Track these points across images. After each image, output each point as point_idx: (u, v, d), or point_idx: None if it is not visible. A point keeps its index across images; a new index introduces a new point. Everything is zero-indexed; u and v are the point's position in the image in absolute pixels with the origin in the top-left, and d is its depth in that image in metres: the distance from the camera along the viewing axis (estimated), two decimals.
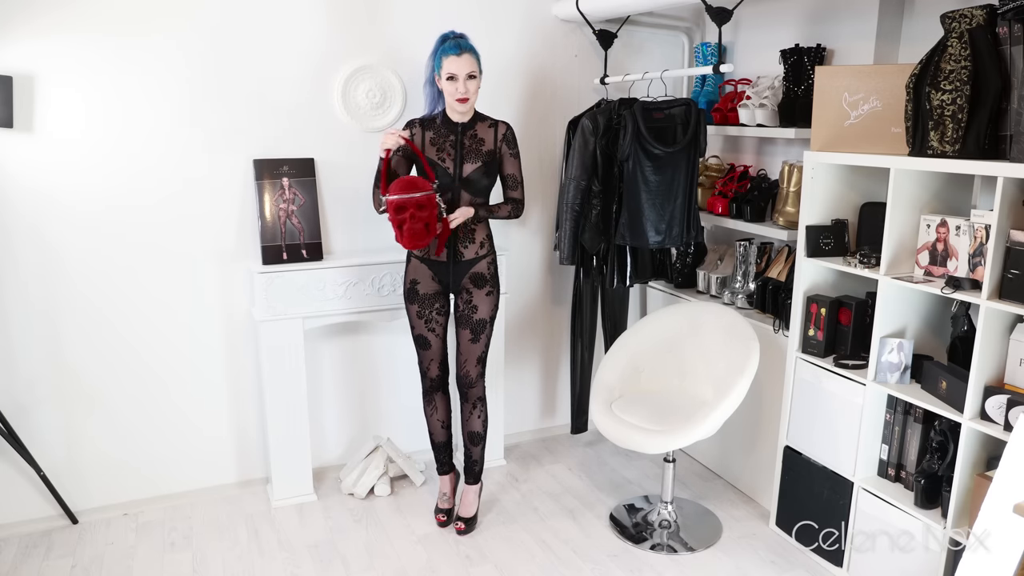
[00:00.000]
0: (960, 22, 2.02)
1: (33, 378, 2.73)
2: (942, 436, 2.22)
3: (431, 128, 2.62)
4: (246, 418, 3.09)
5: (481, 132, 2.62)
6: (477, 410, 2.78)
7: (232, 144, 2.84)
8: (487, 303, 2.69)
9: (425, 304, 2.70)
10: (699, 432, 2.50)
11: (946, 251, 2.20)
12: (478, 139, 2.61)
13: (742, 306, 3.06)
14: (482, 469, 2.87)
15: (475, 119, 2.63)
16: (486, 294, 2.69)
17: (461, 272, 2.67)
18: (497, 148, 2.64)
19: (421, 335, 2.73)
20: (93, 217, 2.71)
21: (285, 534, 2.79)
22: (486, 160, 2.61)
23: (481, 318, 2.69)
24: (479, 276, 2.68)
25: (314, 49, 2.90)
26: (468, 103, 2.54)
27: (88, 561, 2.60)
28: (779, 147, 3.18)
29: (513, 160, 2.67)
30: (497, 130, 2.64)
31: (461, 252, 2.65)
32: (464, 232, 2.64)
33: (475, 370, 2.73)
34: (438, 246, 2.61)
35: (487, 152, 2.62)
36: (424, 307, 2.70)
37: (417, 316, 2.71)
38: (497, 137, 2.64)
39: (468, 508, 2.85)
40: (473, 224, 2.64)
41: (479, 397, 2.77)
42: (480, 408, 2.78)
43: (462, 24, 3.08)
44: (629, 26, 3.38)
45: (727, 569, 2.61)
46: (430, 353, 2.76)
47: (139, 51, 2.66)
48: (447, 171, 2.59)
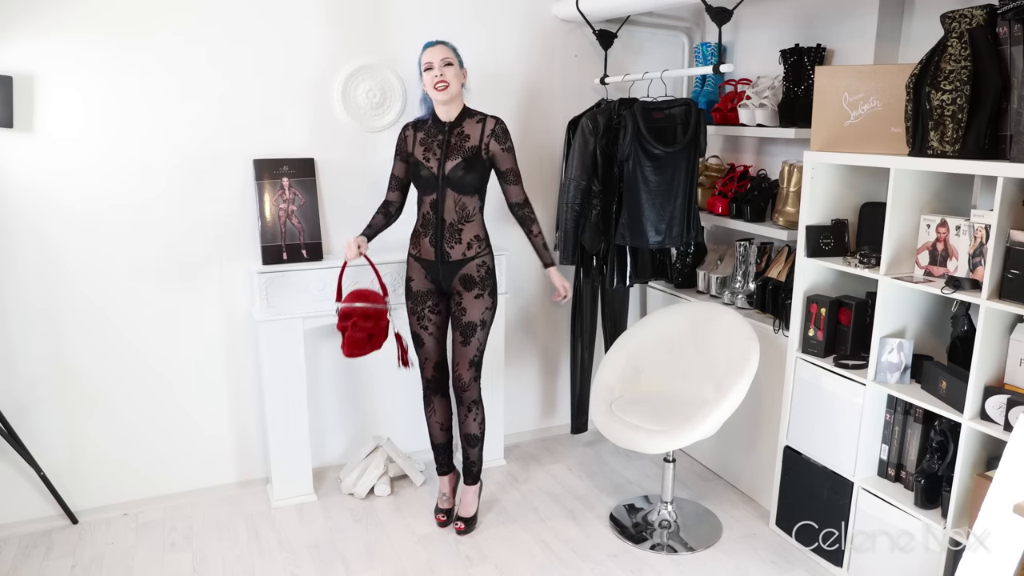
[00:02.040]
0: (960, 22, 2.02)
1: (33, 378, 2.73)
2: (942, 436, 2.22)
3: (422, 129, 2.64)
4: (246, 418, 3.09)
5: (468, 128, 2.60)
6: (472, 413, 2.76)
7: (232, 144, 2.84)
8: (476, 306, 2.66)
9: (417, 301, 2.71)
10: (699, 432, 2.50)
11: (946, 251, 2.20)
12: (463, 135, 2.59)
13: (742, 306, 3.06)
14: (480, 469, 2.87)
15: (463, 116, 2.61)
16: (475, 297, 2.65)
17: (450, 273, 2.66)
18: (483, 144, 2.59)
19: (415, 332, 2.76)
20: (93, 217, 2.71)
21: (285, 534, 2.79)
22: (467, 156, 2.57)
23: (470, 321, 2.66)
24: (468, 278, 2.65)
25: (314, 49, 2.90)
26: (448, 90, 2.52)
27: (88, 561, 2.60)
28: (779, 147, 3.18)
29: (506, 155, 2.63)
30: (485, 125, 2.61)
31: (448, 252, 2.62)
32: (450, 232, 2.61)
33: (467, 374, 2.71)
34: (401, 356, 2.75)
35: (470, 148, 2.58)
36: (416, 304, 2.72)
37: (410, 313, 2.74)
38: (484, 132, 2.60)
39: (467, 508, 2.85)
40: (461, 225, 2.61)
41: (473, 400, 2.75)
42: (475, 411, 2.77)
43: (462, 24, 3.09)
44: (629, 26, 3.38)
45: (727, 569, 2.61)
46: (424, 352, 2.76)
47: (139, 51, 2.66)
48: (431, 171, 2.59)
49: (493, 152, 2.61)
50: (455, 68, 2.54)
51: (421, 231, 2.66)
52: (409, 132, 2.66)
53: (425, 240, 2.64)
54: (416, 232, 2.68)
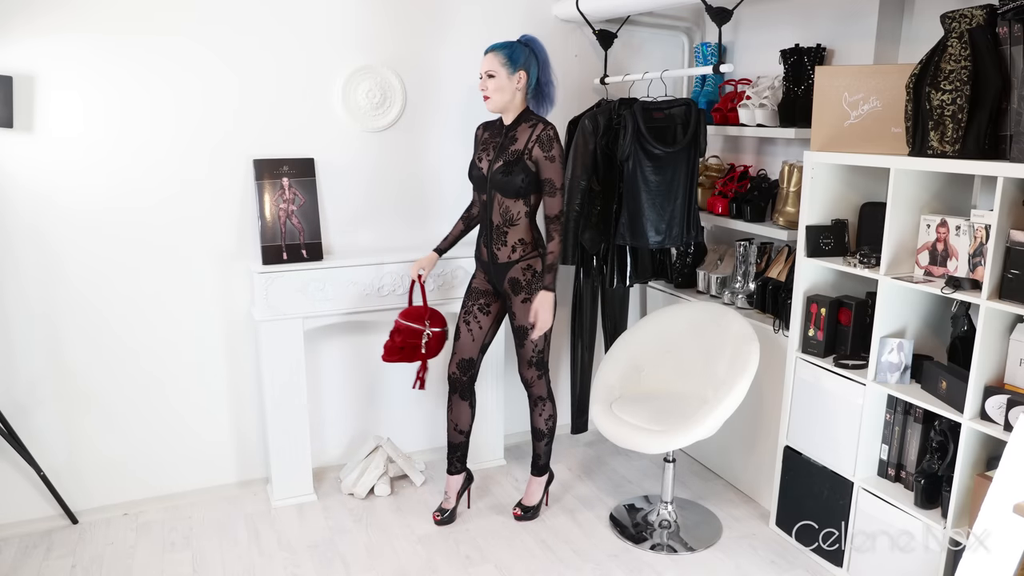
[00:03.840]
0: (960, 22, 2.02)
1: (33, 378, 2.73)
2: (942, 436, 2.22)
3: (490, 129, 2.72)
4: (246, 418, 3.09)
5: (519, 132, 2.61)
6: (538, 408, 2.84)
7: (232, 144, 2.84)
8: (524, 311, 2.67)
9: (470, 296, 2.79)
10: (699, 432, 2.50)
11: (946, 251, 2.20)
12: (514, 139, 2.61)
13: (742, 306, 3.06)
14: (547, 463, 2.92)
15: (520, 119, 2.62)
16: (522, 301, 2.67)
17: (500, 275, 2.70)
18: (527, 149, 2.56)
19: (457, 324, 2.80)
20: (93, 217, 2.71)
21: (285, 534, 2.79)
22: (508, 160, 2.58)
23: (520, 326, 2.70)
24: (515, 282, 2.68)
25: (314, 49, 2.90)
26: (491, 102, 2.57)
27: (88, 561, 2.60)
28: (779, 147, 3.18)
29: (549, 164, 2.55)
30: (534, 130, 2.58)
31: (496, 254, 2.67)
32: (497, 234, 2.65)
33: (528, 372, 2.78)
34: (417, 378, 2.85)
35: (513, 151, 2.58)
36: (468, 298, 2.79)
37: (461, 305, 2.81)
38: (531, 137, 2.57)
39: (530, 497, 2.94)
40: (506, 228, 2.63)
41: (539, 396, 2.82)
42: (541, 407, 2.83)
43: (462, 24, 3.09)
44: (629, 26, 3.38)
45: (727, 569, 2.60)
46: (457, 345, 2.79)
47: (139, 51, 2.65)
48: (481, 171, 2.66)
49: (536, 158, 2.57)
50: (498, 80, 2.53)
51: (481, 231, 2.74)
52: (480, 131, 2.75)
53: (480, 240, 2.73)
54: (479, 232, 2.76)
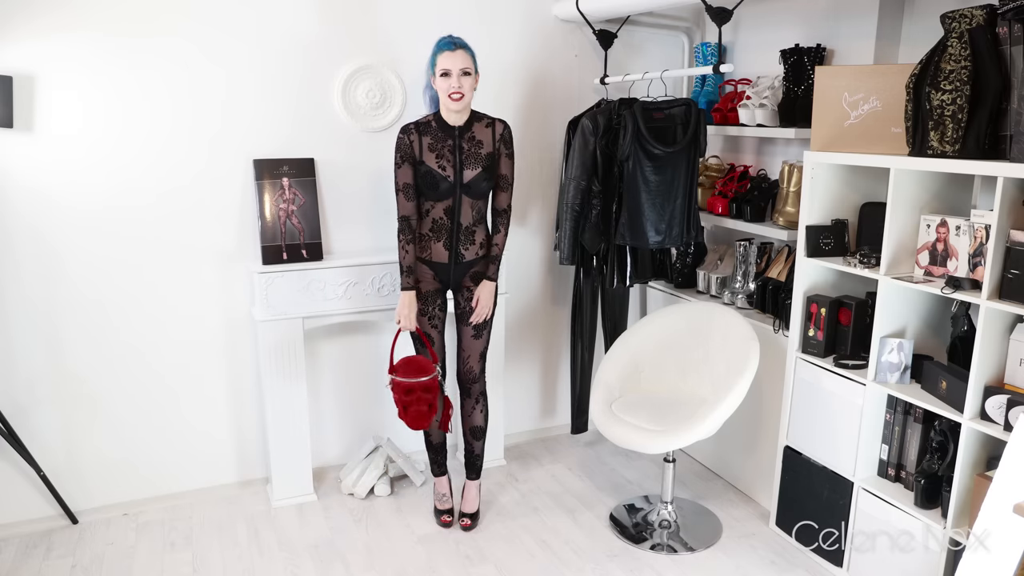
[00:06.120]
0: (960, 22, 2.02)
1: (33, 378, 2.73)
2: (942, 436, 2.22)
3: (428, 133, 2.54)
4: (246, 418, 3.09)
5: (479, 133, 2.58)
6: (480, 404, 2.80)
7: (232, 144, 2.84)
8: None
9: (428, 301, 2.69)
10: (699, 432, 2.50)
11: (946, 251, 2.20)
12: (476, 141, 2.57)
13: (742, 306, 3.06)
14: (483, 464, 2.89)
15: (471, 120, 2.58)
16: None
17: (461, 272, 2.68)
18: (496, 150, 2.60)
19: (426, 332, 2.71)
20: (93, 217, 2.71)
21: (285, 534, 2.79)
22: (486, 164, 2.58)
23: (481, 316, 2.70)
24: (479, 274, 2.69)
25: (314, 49, 2.90)
26: (463, 101, 2.47)
27: (88, 561, 2.60)
28: (779, 147, 3.17)
29: (508, 161, 2.63)
30: (495, 129, 2.60)
31: (463, 253, 2.64)
32: (465, 235, 2.63)
33: (478, 365, 2.76)
34: (443, 420, 2.72)
35: (487, 155, 2.58)
36: (427, 304, 2.69)
37: (420, 314, 2.68)
38: (495, 137, 2.60)
39: (471, 504, 2.86)
40: (474, 227, 2.63)
41: (481, 392, 2.80)
42: (482, 402, 2.81)
43: (462, 24, 3.08)
44: (629, 26, 3.38)
45: (727, 569, 2.60)
46: (434, 349, 2.75)
47: (139, 51, 2.65)
48: (447, 179, 2.54)
49: (499, 155, 2.61)
50: (471, 78, 2.48)
51: (431, 235, 2.61)
52: (414, 137, 2.53)
53: (438, 244, 2.61)
54: (424, 236, 2.62)
